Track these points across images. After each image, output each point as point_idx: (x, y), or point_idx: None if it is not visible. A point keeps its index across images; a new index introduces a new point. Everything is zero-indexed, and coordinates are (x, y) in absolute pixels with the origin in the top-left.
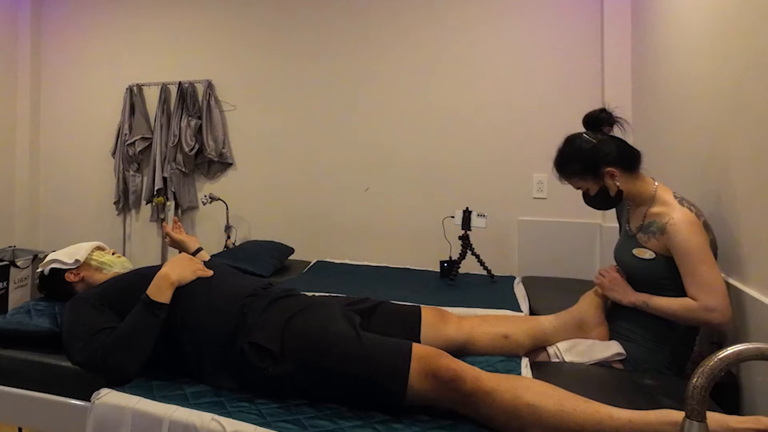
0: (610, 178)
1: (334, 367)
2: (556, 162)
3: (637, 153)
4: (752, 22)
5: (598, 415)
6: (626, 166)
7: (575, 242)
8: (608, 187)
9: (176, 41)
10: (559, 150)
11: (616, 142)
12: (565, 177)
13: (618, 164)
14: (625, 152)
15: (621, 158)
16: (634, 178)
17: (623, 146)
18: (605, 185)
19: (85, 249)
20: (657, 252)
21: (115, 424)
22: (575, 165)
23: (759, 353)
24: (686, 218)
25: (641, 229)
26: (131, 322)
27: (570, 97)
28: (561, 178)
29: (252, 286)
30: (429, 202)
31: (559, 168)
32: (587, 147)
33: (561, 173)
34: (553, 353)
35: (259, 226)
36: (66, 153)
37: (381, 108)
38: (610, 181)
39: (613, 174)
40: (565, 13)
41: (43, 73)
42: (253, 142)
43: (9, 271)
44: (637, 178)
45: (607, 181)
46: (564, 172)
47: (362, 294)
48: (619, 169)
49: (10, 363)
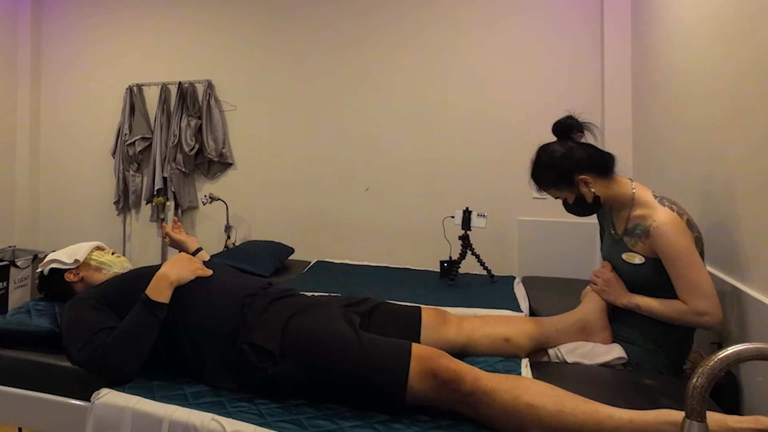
0: (585, 185)
1: (333, 368)
2: (532, 174)
3: (609, 157)
4: (752, 22)
5: (598, 415)
6: (599, 171)
7: (575, 242)
8: (584, 195)
9: (176, 41)
10: (533, 161)
11: (586, 148)
12: (541, 188)
13: (590, 171)
14: (596, 158)
15: (593, 164)
16: (609, 182)
17: (594, 152)
18: (581, 193)
19: (84, 249)
20: (645, 255)
21: (115, 424)
22: (549, 176)
23: (759, 353)
24: (669, 219)
25: (626, 232)
26: (131, 322)
27: (570, 98)
28: (538, 189)
29: (252, 285)
30: (429, 202)
31: (535, 179)
32: (557, 156)
33: (537, 184)
34: (554, 355)
35: (259, 226)
36: (66, 153)
37: (381, 108)
38: (584, 189)
39: (587, 181)
40: (565, 14)
41: (43, 73)
42: (253, 142)
43: (9, 271)
44: (612, 182)
45: (582, 188)
46: (540, 184)
47: (362, 294)
48: (593, 176)
49: (10, 363)
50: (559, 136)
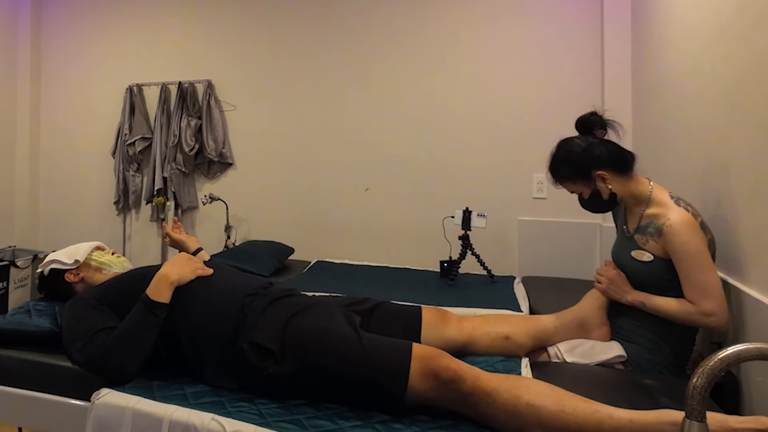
0: (601, 181)
1: (333, 368)
2: (550, 166)
3: (630, 155)
4: (752, 22)
5: (598, 415)
6: (618, 168)
7: (575, 242)
8: (600, 190)
9: (176, 41)
10: (552, 154)
11: (607, 145)
12: (558, 181)
13: (609, 167)
14: (616, 154)
15: (612, 161)
16: (627, 179)
17: (614, 149)
18: (597, 188)
19: (84, 249)
20: (655, 254)
21: (115, 424)
22: (567, 169)
23: (759, 353)
24: (683, 219)
25: (638, 230)
26: (131, 322)
27: (570, 97)
28: (555, 182)
29: (252, 285)
30: (429, 202)
31: (552, 172)
32: (578, 150)
33: (554, 177)
34: (554, 354)
35: (259, 226)
36: (66, 153)
37: (381, 108)
38: (601, 184)
39: (604, 177)
40: (565, 14)
41: (43, 73)
42: (253, 142)
43: (9, 271)
44: (630, 180)
45: (599, 184)
46: (557, 176)
47: (362, 294)
48: (611, 172)
49: (10, 363)
50: (581, 132)
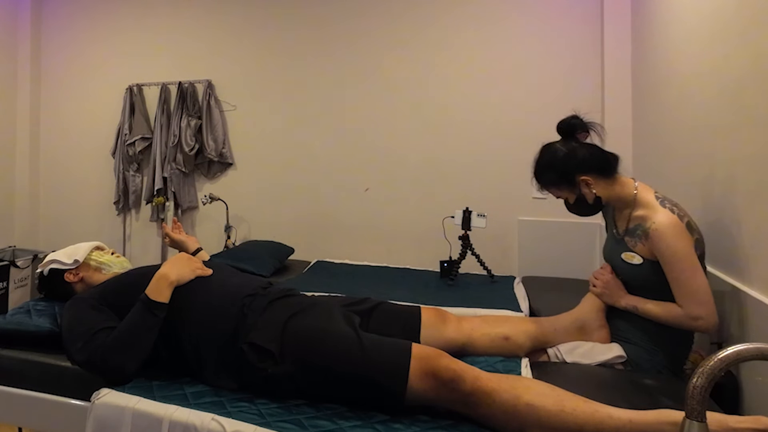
0: (585, 186)
1: (333, 368)
2: (534, 172)
3: (612, 157)
4: (752, 22)
5: (598, 415)
6: (601, 171)
7: (575, 242)
8: (585, 196)
9: (176, 41)
10: (535, 160)
11: (589, 148)
12: (543, 187)
13: (592, 171)
14: (599, 158)
15: (594, 165)
16: (611, 182)
17: (596, 152)
18: (582, 194)
19: (84, 249)
20: (644, 257)
21: (115, 424)
22: (550, 175)
23: (759, 353)
24: (668, 222)
25: (628, 232)
26: (130, 322)
27: (570, 97)
28: (540, 188)
29: (252, 285)
30: (429, 202)
31: (537, 178)
32: (560, 156)
33: (539, 183)
34: (554, 354)
35: (259, 226)
36: (66, 153)
37: (381, 108)
38: (585, 190)
39: (588, 182)
40: (565, 14)
41: (43, 73)
42: (253, 142)
43: (9, 271)
44: (615, 183)
45: (583, 189)
46: (541, 182)
47: (362, 294)
48: (594, 176)
49: (10, 363)
50: (563, 136)
